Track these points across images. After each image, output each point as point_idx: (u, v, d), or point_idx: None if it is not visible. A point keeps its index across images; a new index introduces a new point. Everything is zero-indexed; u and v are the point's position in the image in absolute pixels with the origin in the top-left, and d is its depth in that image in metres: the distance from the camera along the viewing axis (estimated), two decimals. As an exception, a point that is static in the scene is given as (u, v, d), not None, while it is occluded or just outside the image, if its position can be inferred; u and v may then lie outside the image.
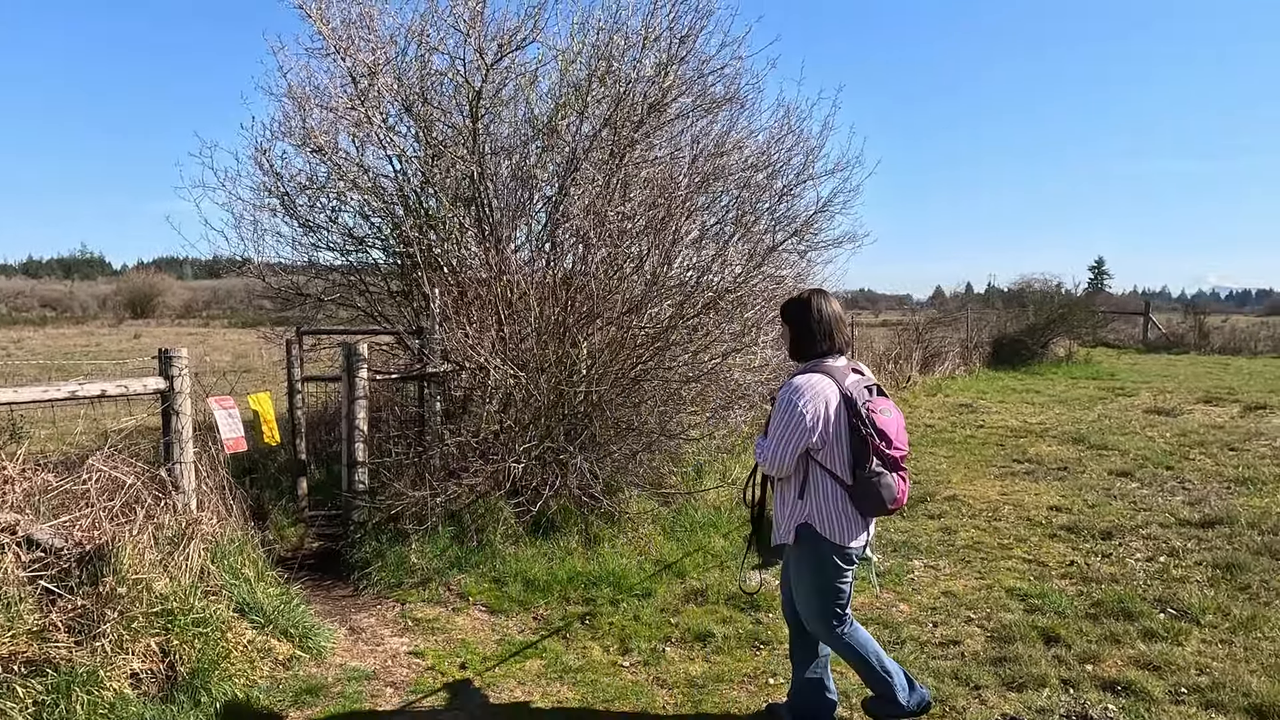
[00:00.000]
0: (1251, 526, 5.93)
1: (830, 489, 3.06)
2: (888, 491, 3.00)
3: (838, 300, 3.21)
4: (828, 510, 3.07)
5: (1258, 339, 23.14)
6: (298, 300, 7.58)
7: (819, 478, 3.06)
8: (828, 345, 3.12)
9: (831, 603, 3.16)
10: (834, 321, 3.14)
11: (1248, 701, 3.44)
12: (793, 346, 3.21)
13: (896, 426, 3.07)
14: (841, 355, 3.16)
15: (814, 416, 2.98)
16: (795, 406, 2.98)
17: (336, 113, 5.78)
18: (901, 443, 3.07)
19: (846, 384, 3.04)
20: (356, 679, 3.78)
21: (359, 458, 5.40)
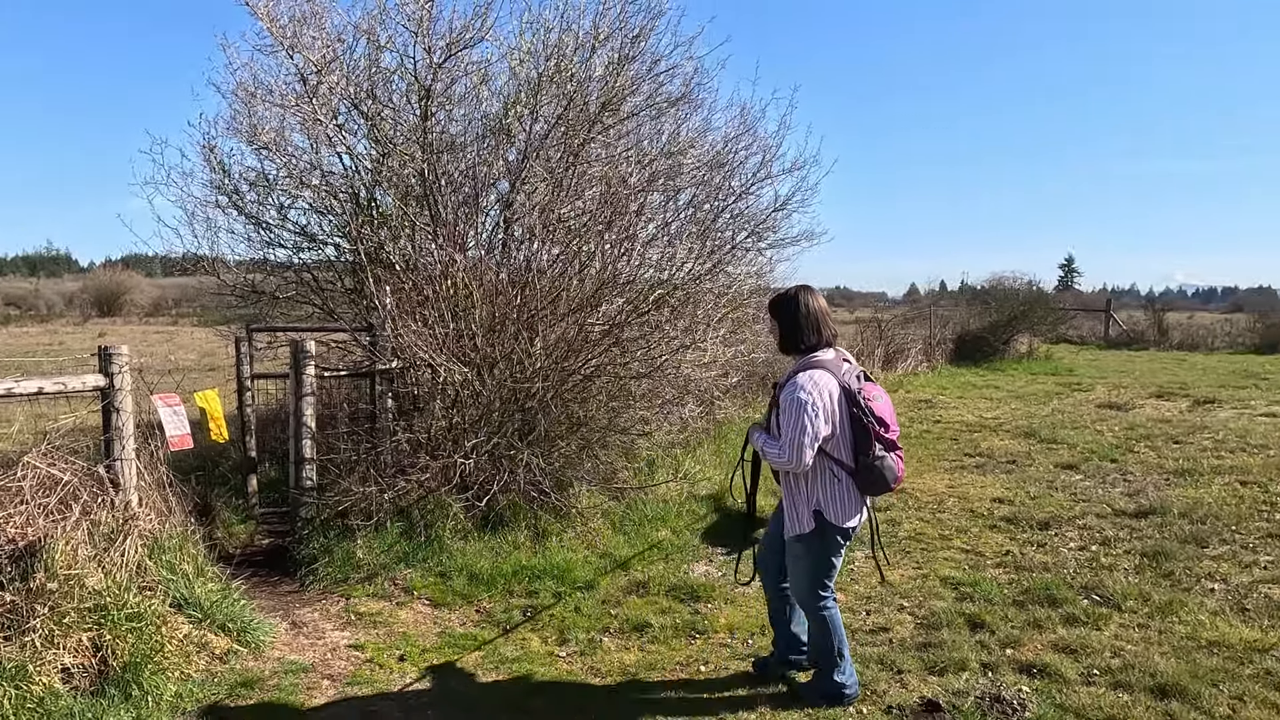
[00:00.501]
0: (1183, 516, 6.12)
1: (836, 475, 3.27)
2: (889, 473, 3.24)
3: (822, 296, 3.43)
4: (835, 495, 3.28)
5: (1214, 335, 23.64)
6: (253, 298, 7.58)
7: (825, 465, 3.26)
8: (816, 338, 3.32)
9: (823, 577, 3.44)
10: (820, 315, 3.33)
11: (1153, 681, 3.59)
12: (782, 341, 3.41)
13: (889, 411, 3.29)
14: (829, 347, 3.35)
15: (823, 411, 3.16)
16: (805, 405, 3.14)
17: (285, 109, 5.79)
18: (894, 424, 3.30)
19: (842, 375, 3.25)
20: (293, 671, 3.83)
21: (306, 454, 5.43)
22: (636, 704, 3.56)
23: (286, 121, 6.00)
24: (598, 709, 3.53)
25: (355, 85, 5.99)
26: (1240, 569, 5.07)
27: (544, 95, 6.27)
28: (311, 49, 5.75)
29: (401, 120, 6.19)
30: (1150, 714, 3.35)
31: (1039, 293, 21.52)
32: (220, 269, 7.29)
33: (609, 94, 6.41)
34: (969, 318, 18.92)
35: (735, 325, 7.30)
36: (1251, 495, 6.77)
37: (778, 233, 9.03)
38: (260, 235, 6.76)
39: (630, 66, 6.53)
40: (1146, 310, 28.19)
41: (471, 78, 6.24)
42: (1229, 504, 6.45)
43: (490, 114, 6.34)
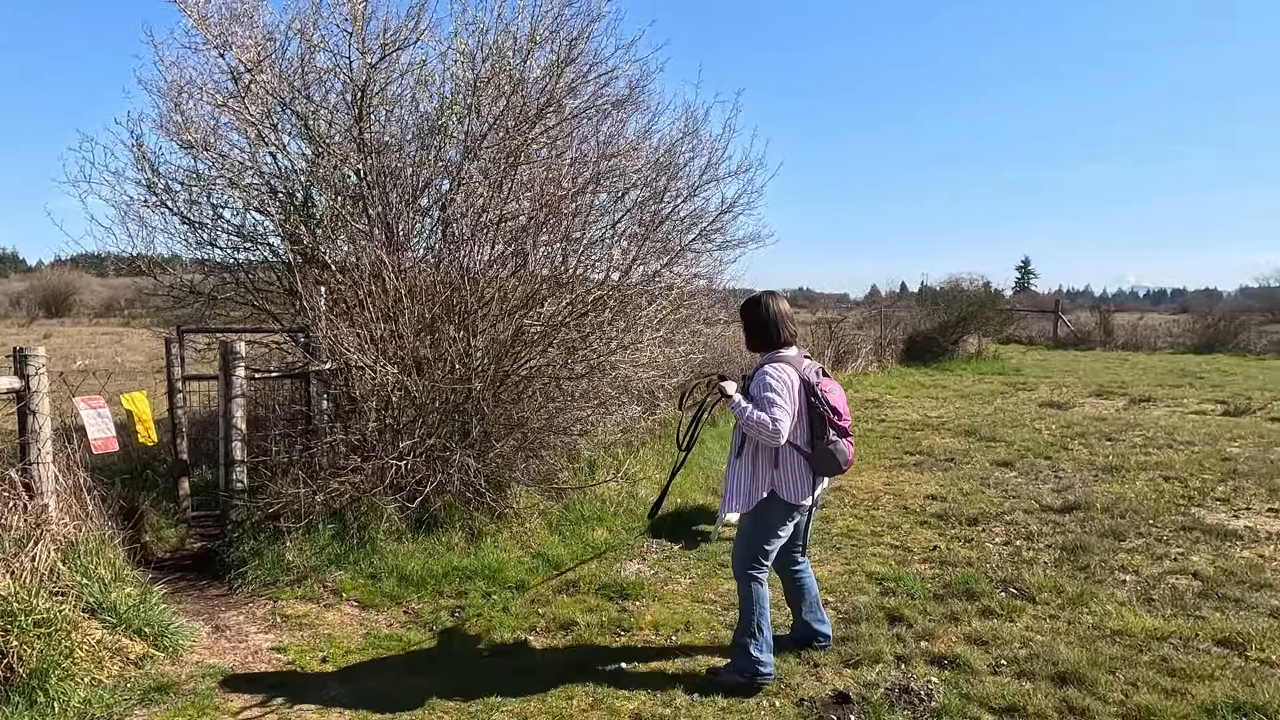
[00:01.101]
0: (1105, 511, 6.32)
1: (794, 458, 3.66)
2: (841, 455, 3.66)
3: (785, 299, 3.85)
4: (792, 476, 3.67)
5: (1157, 335, 24.36)
6: (191, 299, 7.46)
7: (787, 449, 3.64)
8: (778, 337, 3.72)
9: (759, 552, 3.75)
10: (781, 317, 3.74)
11: (1055, 670, 3.72)
12: (749, 340, 3.83)
13: (842, 402, 3.73)
14: (791, 345, 3.75)
15: (789, 397, 3.56)
16: (776, 389, 3.55)
17: (216, 108, 5.73)
18: (846, 414, 3.73)
19: (803, 369, 3.66)
20: (212, 675, 3.80)
21: (237, 456, 5.37)
22: (556, 701, 3.59)
23: (219, 120, 5.92)
24: (515, 706, 3.55)
25: (288, 84, 5.94)
26: (1152, 561, 5.25)
27: (483, 96, 6.28)
28: (243, 47, 5.69)
29: (337, 120, 6.15)
30: (1048, 701, 3.47)
31: (989, 294, 21.98)
32: (156, 269, 7.17)
33: (548, 96, 6.43)
34: (920, 318, 19.26)
35: (676, 326, 7.36)
36: (1171, 490, 7.02)
37: (725, 235, 9.14)
38: (195, 235, 6.65)
39: (569, 69, 6.56)
40: (1094, 311, 28.92)
41: (408, 78, 6.22)
42: (1149, 499, 6.68)
43: (428, 114, 6.32)
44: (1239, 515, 6.30)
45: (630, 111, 7.33)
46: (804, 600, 4.04)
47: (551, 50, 6.53)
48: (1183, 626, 4.20)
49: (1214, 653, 3.93)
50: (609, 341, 6.26)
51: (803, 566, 4.05)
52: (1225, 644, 4.02)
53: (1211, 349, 22.61)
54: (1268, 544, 5.58)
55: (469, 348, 5.71)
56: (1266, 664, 3.80)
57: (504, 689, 3.70)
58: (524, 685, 3.74)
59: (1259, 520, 6.16)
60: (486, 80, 6.20)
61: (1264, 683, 3.58)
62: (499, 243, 6.26)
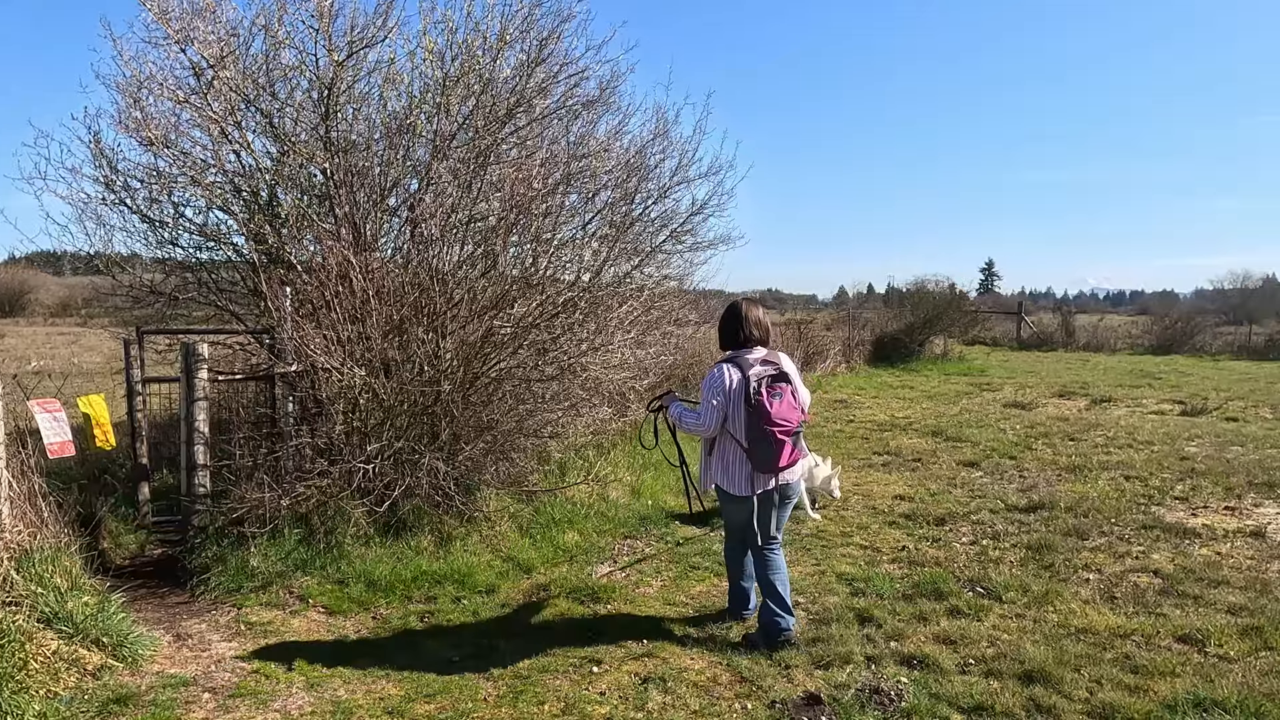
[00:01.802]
0: (1068, 510, 6.43)
1: (729, 451, 4.03)
2: (768, 453, 3.92)
3: (759, 305, 4.20)
4: (727, 468, 4.06)
5: (1117, 336, 24.88)
6: (151, 299, 7.29)
7: (725, 441, 4.04)
8: (743, 339, 4.07)
9: (731, 530, 4.35)
10: (743, 320, 4.07)
11: (1021, 668, 3.77)
12: (719, 341, 4.24)
13: (783, 407, 3.93)
14: (757, 347, 4.07)
15: (718, 392, 3.97)
16: (709, 384, 4.01)
17: (178, 104, 5.60)
18: (782, 419, 3.92)
19: (750, 370, 3.95)
20: (172, 686, 3.71)
21: (199, 460, 5.26)
22: (527, 706, 3.56)
23: (180, 116, 5.79)
24: (485, 712, 3.52)
25: (253, 81, 5.83)
26: (1114, 559, 5.35)
27: (452, 96, 6.22)
28: (205, 43, 5.57)
29: (303, 118, 6.05)
30: (1015, 699, 3.51)
31: (954, 295, 22.28)
32: (114, 269, 7.00)
33: (518, 96, 6.39)
34: (888, 320, 19.47)
35: (647, 327, 7.36)
36: (1132, 489, 7.16)
37: (696, 236, 9.15)
38: (156, 234, 6.50)
39: (540, 69, 6.52)
40: (1056, 313, 29.46)
41: (376, 76, 6.14)
42: (1111, 498, 6.81)
43: (396, 112, 6.25)
44: (1197, 513, 6.44)
45: (601, 112, 7.32)
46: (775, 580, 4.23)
47: (522, 50, 6.50)
48: (1144, 624, 4.28)
49: (1175, 649, 4.01)
50: (580, 343, 6.24)
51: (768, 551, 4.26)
52: (1185, 640, 4.11)
53: (1169, 350, 23.17)
54: (1224, 541, 5.71)
55: (438, 349, 5.65)
56: (1224, 659, 3.88)
57: (474, 694, 3.66)
58: (495, 690, 3.70)
59: (1216, 518, 6.31)
60: (456, 79, 6.14)
61: (1222, 678, 3.66)
62: (468, 243, 6.21)
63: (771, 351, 4.13)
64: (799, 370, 4.36)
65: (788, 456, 3.96)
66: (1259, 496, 6.95)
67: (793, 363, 4.25)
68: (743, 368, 3.95)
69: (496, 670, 3.90)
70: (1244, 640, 4.08)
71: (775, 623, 4.10)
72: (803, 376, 14.95)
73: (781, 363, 4.06)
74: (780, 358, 4.10)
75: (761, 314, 4.15)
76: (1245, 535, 5.84)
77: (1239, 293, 34.11)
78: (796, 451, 4.03)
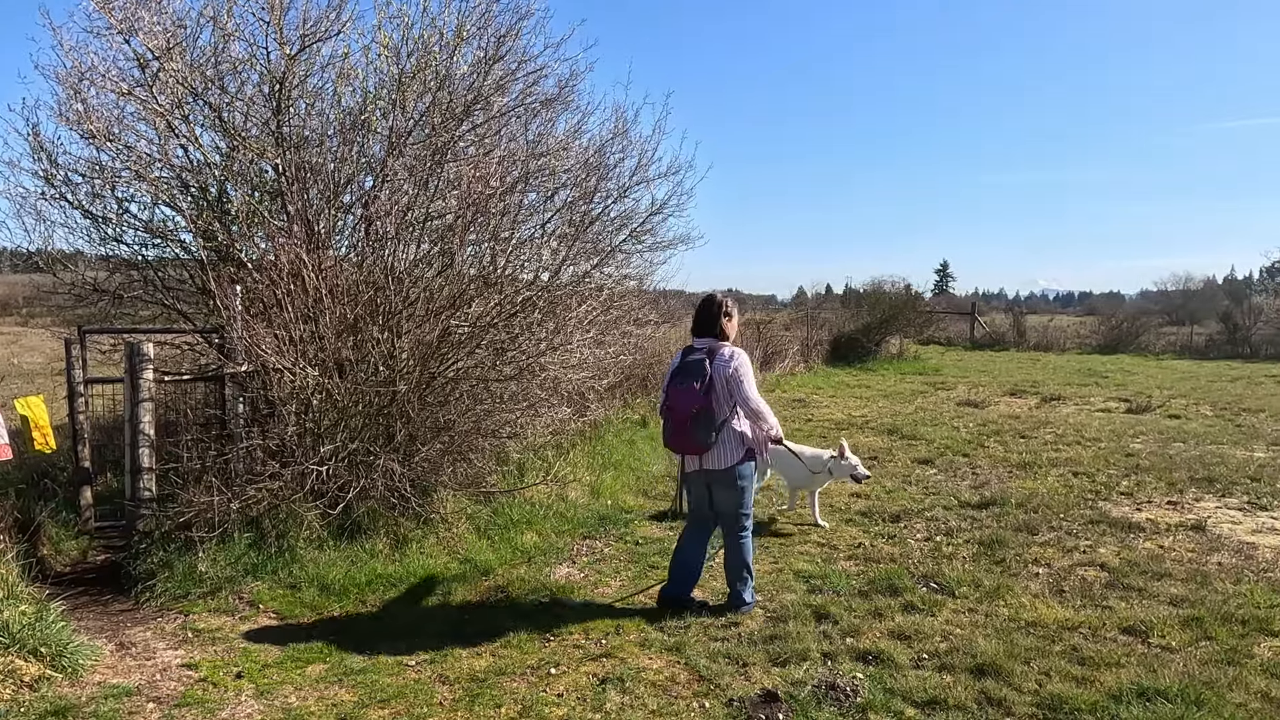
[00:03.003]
0: (1019, 506, 6.57)
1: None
2: (664, 429, 4.46)
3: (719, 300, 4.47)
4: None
5: (1066, 336, 25.52)
6: (94, 297, 7.07)
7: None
8: (694, 331, 4.49)
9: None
10: (697, 316, 4.48)
11: (974, 662, 3.83)
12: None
13: (677, 393, 4.30)
14: (703, 337, 4.41)
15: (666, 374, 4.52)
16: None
17: (120, 96, 5.43)
18: (675, 404, 4.31)
19: (686, 358, 4.38)
20: (115, 696, 3.59)
21: (144, 463, 5.12)
22: (483, 709, 3.52)
23: (124, 109, 5.62)
24: (441, 716, 3.47)
25: (200, 74, 5.68)
26: (1063, 554, 5.48)
27: (408, 92, 6.13)
28: (151, 33, 5.41)
29: (253, 113, 5.91)
30: (967, 693, 3.57)
31: (910, 296, 22.65)
32: (56, 266, 6.77)
33: (475, 93, 6.33)
34: (845, 320, 19.71)
35: (606, 327, 7.34)
36: (1080, 485, 7.34)
37: (655, 236, 9.15)
38: (99, 230, 6.31)
39: (498, 66, 6.46)
40: (1007, 313, 30.11)
41: (329, 71, 6.03)
42: (1060, 494, 6.97)
43: (350, 108, 6.14)
44: (1141, 508, 6.63)
45: (560, 110, 7.29)
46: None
47: (479, 46, 6.43)
48: (1091, 616, 4.39)
49: (1120, 641, 4.12)
50: (538, 343, 6.20)
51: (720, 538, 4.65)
52: (1130, 632, 4.22)
53: (1115, 349, 23.83)
54: (1167, 535, 5.88)
55: (394, 349, 5.57)
56: (1167, 650, 4.00)
57: (430, 698, 3.61)
58: (451, 694, 3.66)
59: (1159, 513, 6.49)
60: (412, 75, 6.06)
61: (1165, 668, 3.76)
62: (425, 242, 6.14)
63: (713, 343, 4.38)
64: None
65: (680, 439, 4.34)
66: (1199, 491, 7.18)
67: (739, 360, 4.32)
68: (682, 354, 4.46)
69: (453, 674, 3.85)
70: (1185, 631, 4.20)
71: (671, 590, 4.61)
72: (761, 375, 15.01)
73: (711, 355, 4.31)
74: (715, 351, 4.33)
75: (711, 308, 4.43)
76: (1186, 529, 6.02)
77: (1181, 294, 35.18)
78: (693, 442, 4.30)
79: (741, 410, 4.35)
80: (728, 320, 4.46)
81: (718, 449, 4.35)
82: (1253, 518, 6.38)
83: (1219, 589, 4.77)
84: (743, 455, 4.39)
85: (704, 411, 4.25)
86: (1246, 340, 23.27)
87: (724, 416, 4.31)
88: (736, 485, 4.41)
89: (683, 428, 4.29)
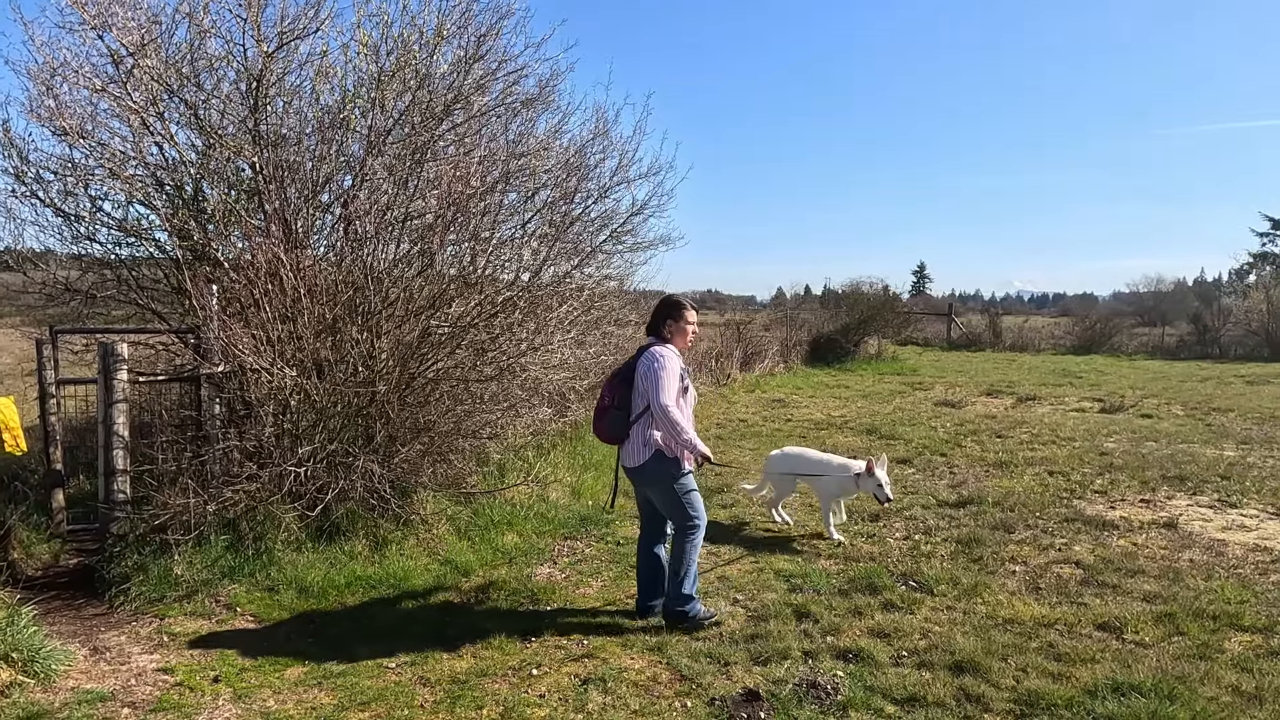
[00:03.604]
0: (996, 505, 6.64)
1: None
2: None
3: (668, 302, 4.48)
4: None
5: (1040, 337, 25.85)
6: (66, 297, 6.95)
7: None
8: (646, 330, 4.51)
9: None
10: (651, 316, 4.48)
11: (952, 659, 3.87)
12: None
13: (607, 383, 4.41)
14: (649, 336, 4.44)
15: None
16: None
17: (93, 93, 5.35)
18: (602, 394, 4.42)
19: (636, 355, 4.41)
20: (89, 702, 3.54)
21: (119, 465, 5.04)
22: (465, 712, 3.50)
23: (97, 106, 5.54)
24: (422, 718, 3.45)
25: (176, 71, 5.61)
26: (1039, 551, 5.55)
27: (387, 91, 6.09)
28: (125, 29, 5.33)
29: (230, 110, 5.85)
30: (946, 690, 3.60)
31: (888, 297, 22.83)
32: (26, 265, 6.65)
33: (455, 92, 6.30)
34: (824, 320, 19.83)
35: (587, 327, 7.34)
36: (1055, 484, 7.44)
37: (636, 236, 9.15)
38: (71, 228, 6.20)
39: (478, 65, 6.44)
40: (983, 314, 30.44)
41: (307, 69, 5.98)
42: (1036, 493, 7.06)
43: (329, 107, 6.09)
44: (1115, 506, 6.72)
45: (540, 110, 7.27)
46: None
47: (459, 46, 6.40)
48: (1067, 613, 4.45)
49: (1095, 637, 4.18)
50: (519, 343, 6.18)
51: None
52: (1104, 628, 4.28)
53: (1089, 350, 24.17)
54: (1140, 533, 5.97)
55: (373, 349, 5.53)
56: (1141, 645, 4.06)
57: (410, 701, 3.59)
58: (432, 696, 3.64)
59: (1133, 511, 6.60)
60: (391, 74, 6.02)
61: (1139, 663, 3.82)
62: (404, 241, 6.10)
63: (653, 343, 4.37)
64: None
65: (597, 426, 4.42)
66: (1171, 489, 7.30)
67: (661, 363, 4.21)
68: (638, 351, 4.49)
69: (433, 675, 3.84)
70: (1158, 627, 4.27)
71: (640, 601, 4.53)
72: (741, 376, 15.03)
73: (651, 349, 4.31)
74: (647, 349, 4.33)
75: (658, 308, 4.47)
76: (1159, 526, 6.12)
77: (1153, 295, 35.81)
78: (607, 431, 4.37)
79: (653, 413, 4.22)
80: (673, 323, 4.38)
81: (630, 445, 4.34)
82: (1223, 515, 6.49)
83: (1191, 585, 4.86)
84: (649, 456, 4.25)
85: (616, 404, 4.32)
86: (1216, 341, 23.70)
87: (636, 413, 4.29)
88: (659, 487, 4.33)
89: (600, 416, 4.38)
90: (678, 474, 4.30)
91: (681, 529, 4.36)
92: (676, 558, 4.36)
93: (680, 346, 4.44)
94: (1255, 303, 24.39)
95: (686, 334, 4.46)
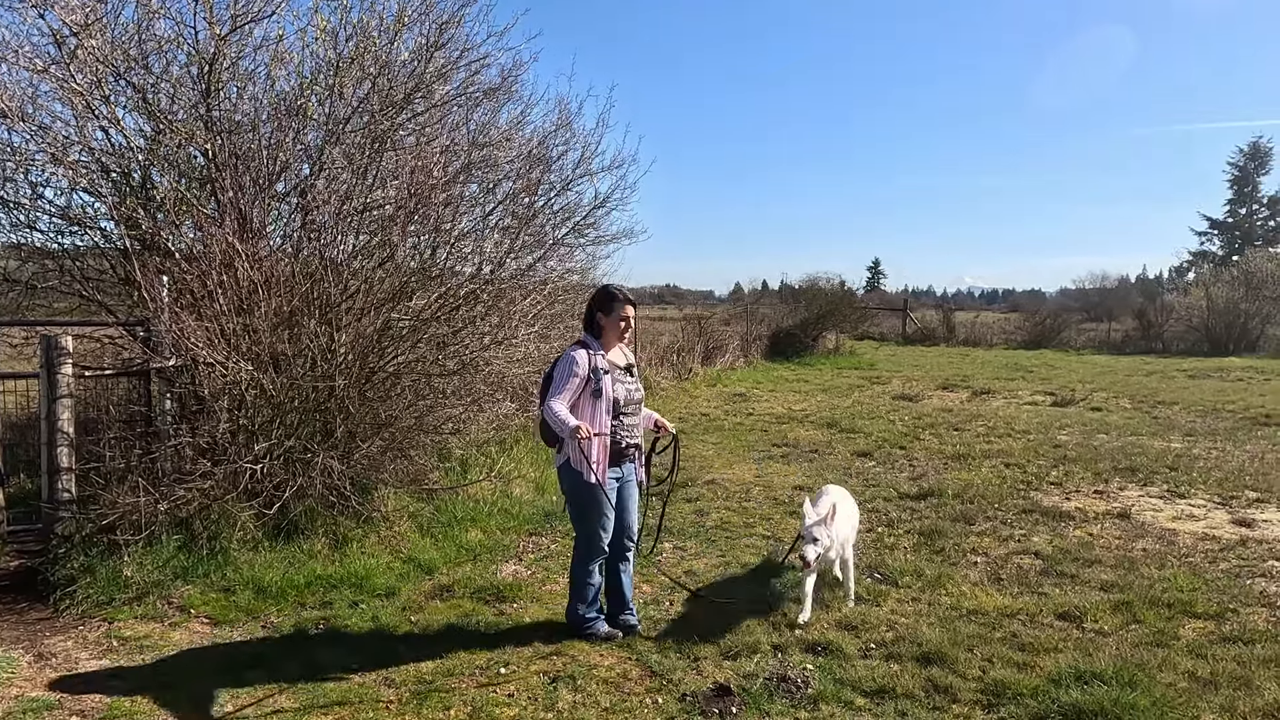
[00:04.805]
0: (956, 497, 6.74)
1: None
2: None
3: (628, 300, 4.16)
4: None
5: (992, 332, 26.42)
6: (4, 288, 6.65)
7: None
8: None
9: None
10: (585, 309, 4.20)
11: (919, 651, 3.90)
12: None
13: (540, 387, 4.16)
14: (585, 329, 4.17)
15: None
16: None
17: (34, 74, 5.12)
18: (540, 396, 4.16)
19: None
20: (34, 710, 3.38)
21: (63, 463, 4.84)
22: (431, 713, 3.42)
23: (38, 88, 5.29)
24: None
25: (123, 52, 5.38)
26: (999, 542, 5.64)
27: (346, 78, 5.93)
28: (68, 8, 5.10)
29: (180, 95, 5.64)
30: (914, 680, 3.63)
31: (844, 292, 23.10)
32: (-39, 254, 6.35)
33: (416, 80, 6.16)
34: (783, 315, 19.98)
35: (551, 321, 7.26)
36: (1012, 476, 7.58)
37: (599, 230, 9.09)
38: (10, 216, 5.93)
39: (440, 53, 6.31)
40: (937, 310, 31.00)
41: (263, 54, 5.79)
42: (994, 484, 7.18)
43: (285, 93, 5.91)
44: (1070, 497, 6.88)
45: (503, 101, 7.19)
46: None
47: (421, 33, 6.27)
48: (1028, 603, 4.52)
49: (1056, 626, 4.25)
50: (482, 337, 6.09)
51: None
52: (1065, 617, 4.36)
53: (1039, 345, 24.75)
54: (1095, 523, 6.11)
55: (332, 343, 5.39)
56: (1100, 634, 4.14)
57: (375, 702, 3.50)
58: (397, 697, 3.55)
59: (1087, 501, 6.75)
60: (350, 61, 5.87)
61: (1099, 652, 3.90)
62: (364, 232, 5.96)
63: (580, 341, 4.11)
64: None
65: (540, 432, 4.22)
66: (1123, 480, 7.49)
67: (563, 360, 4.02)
68: None
69: (398, 676, 3.75)
70: (1116, 615, 4.36)
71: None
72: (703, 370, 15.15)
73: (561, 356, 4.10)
74: (565, 353, 4.05)
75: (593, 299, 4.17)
76: (1113, 517, 6.27)
77: (1099, 292, 36.74)
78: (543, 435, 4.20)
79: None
80: (604, 316, 4.06)
81: (562, 447, 4.05)
82: (1172, 505, 6.68)
83: (1145, 574, 4.98)
84: (561, 463, 4.06)
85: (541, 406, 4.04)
86: (1159, 336, 24.46)
87: None
88: (566, 497, 4.12)
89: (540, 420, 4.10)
90: (578, 486, 3.99)
91: (576, 543, 4.16)
92: (570, 571, 4.18)
93: (612, 342, 4.13)
94: (1196, 299, 25.23)
95: (619, 328, 4.09)
